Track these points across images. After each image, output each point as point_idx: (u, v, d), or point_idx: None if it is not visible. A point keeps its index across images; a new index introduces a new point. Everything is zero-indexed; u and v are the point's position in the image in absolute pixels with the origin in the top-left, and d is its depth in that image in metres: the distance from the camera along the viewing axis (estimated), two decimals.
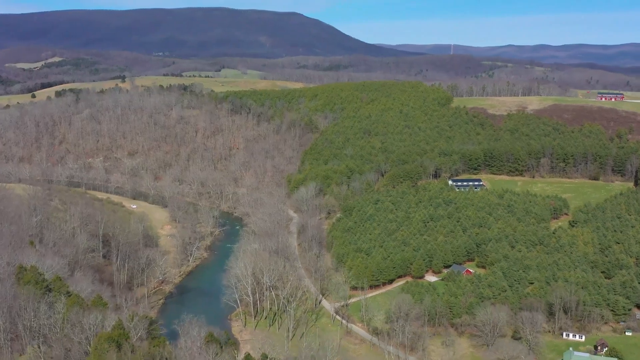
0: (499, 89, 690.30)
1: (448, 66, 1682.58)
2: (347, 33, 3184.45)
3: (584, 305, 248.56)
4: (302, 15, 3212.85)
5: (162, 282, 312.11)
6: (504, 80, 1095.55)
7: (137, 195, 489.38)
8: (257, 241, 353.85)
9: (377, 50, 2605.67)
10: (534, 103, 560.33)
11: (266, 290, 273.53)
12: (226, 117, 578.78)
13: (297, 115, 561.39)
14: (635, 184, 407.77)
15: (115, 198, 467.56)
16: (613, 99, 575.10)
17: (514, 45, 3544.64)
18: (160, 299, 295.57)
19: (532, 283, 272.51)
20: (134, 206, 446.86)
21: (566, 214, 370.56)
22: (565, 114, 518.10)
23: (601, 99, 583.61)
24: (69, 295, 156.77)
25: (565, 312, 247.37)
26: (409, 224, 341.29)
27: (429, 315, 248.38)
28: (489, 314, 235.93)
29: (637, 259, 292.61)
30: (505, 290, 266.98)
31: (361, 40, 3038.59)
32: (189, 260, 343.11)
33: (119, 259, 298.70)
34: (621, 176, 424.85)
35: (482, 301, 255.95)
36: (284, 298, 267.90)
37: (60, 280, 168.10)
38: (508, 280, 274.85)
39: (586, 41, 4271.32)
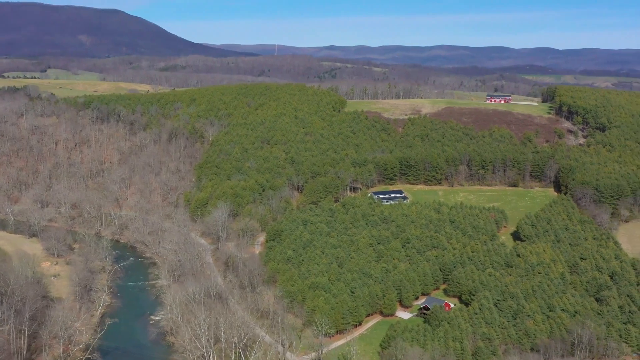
0: (380, 90, 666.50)
1: (288, 66, 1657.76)
2: (171, 32, 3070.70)
3: (603, 339, 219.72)
4: (124, 12, 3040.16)
5: (68, 344, 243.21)
6: (347, 80, 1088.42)
7: None
8: (171, 279, 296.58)
9: (206, 50, 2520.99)
10: (426, 106, 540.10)
11: (232, 352, 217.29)
12: (91, 125, 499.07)
13: (177, 122, 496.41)
14: (558, 190, 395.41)
15: None
16: (502, 101, 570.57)
17: (336, 47, 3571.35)
18: None
19: (528, 315, 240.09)
20: None
21: (505, 226, 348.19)
22: (464, 117, 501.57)
23: (491, 101, 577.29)
24: None
25: (586, 350, 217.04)
26: (356, 249, 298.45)
27: None
28: None
29: (610, 276, 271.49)
30: (506, 327, 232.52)
31: (187, 39, 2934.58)
32: (97, 310, 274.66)
33: (12, 321, 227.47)
34: (539, 182, 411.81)
35: (490, 344, 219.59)
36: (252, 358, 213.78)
37: None
38: (503, 315, 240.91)
39: (401, 43, 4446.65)
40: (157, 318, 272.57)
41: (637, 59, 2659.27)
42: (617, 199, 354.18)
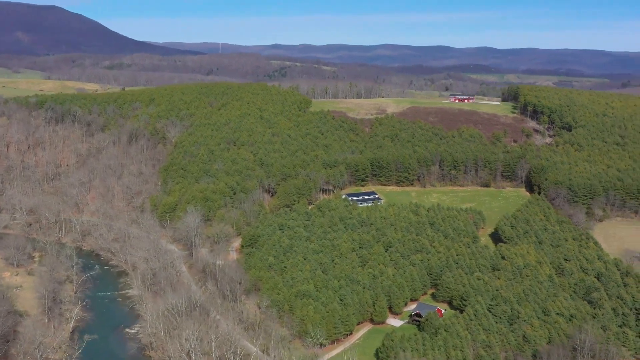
0: (340, 90, 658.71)
1: (236, 65, 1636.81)
2: (113, 29, 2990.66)
3: (605, 343, 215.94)
4: (63, 9, 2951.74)
5: None
6: (298, 79, 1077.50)
7: None
8: (144, 289, 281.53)
9: (149, 48, 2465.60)
10: (391, 106, 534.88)
11: None
12: (45, 126, 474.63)
13: (137, 123, 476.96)
14: (529, 190, 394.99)
15: None
16: (466, 101, 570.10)
17: (281, 45, 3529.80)
18: None
19: (524, 320, 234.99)
20: None
21: (482, 227, 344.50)
22: (430, 117, 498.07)
23: (455, 100, 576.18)
24: None
25: (588, 355, 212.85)
26: (339, 254, 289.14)
27: None
28: None
29: (596, 277, 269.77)
30: (504, 334, 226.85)
31: (129, 37, 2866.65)
32: (68, 324, 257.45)
33: None
34: (510, 181, 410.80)
35: (491, 351, 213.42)
36: None
37: None
38: (499, 320, 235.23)
39: (345, 42, 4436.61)
40: (133, 331, 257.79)
41: (574, 58, 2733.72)
42: (590, 198, 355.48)
